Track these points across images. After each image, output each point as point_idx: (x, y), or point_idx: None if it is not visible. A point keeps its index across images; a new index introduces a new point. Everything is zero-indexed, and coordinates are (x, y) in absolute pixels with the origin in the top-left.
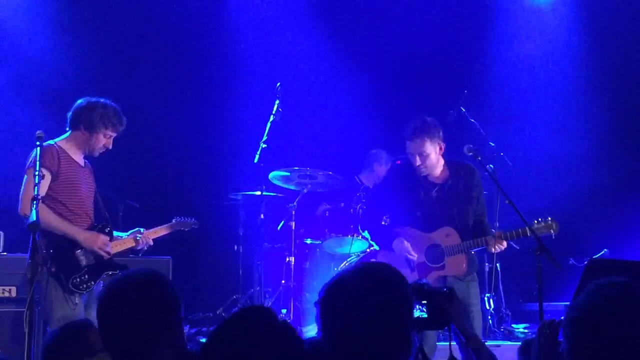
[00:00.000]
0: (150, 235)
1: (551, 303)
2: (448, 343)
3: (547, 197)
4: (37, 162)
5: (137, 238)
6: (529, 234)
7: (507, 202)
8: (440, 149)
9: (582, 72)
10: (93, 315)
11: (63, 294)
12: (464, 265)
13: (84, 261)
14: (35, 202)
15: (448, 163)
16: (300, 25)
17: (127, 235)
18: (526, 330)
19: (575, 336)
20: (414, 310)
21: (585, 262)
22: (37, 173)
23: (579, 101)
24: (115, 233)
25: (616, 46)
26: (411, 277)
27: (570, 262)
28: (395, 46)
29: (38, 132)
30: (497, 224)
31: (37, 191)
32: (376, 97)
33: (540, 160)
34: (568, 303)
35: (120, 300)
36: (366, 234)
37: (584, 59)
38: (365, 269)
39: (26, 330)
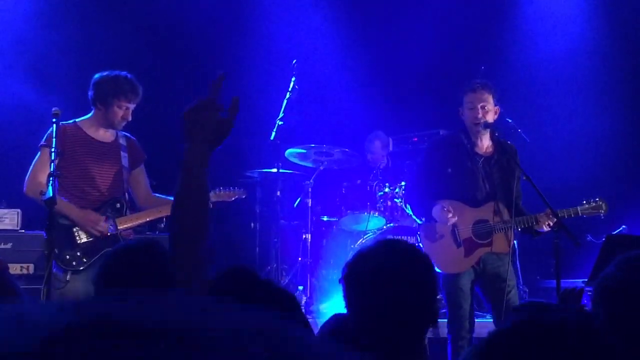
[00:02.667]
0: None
1: (569, 280)
2: (486, 319)
3: (564, 174)
4: (54, 139)
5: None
6: (580, 214)
7: (524, 178)
8: (496, 113)
9: (599, 50)
10: None
11: (54, 271)
12: (511, 242)
13: (80, 238)
14: (52, 178)
15: (494, 139)
16: (317, 2)
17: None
18: None
19: (610, 305)
20: None
21: (603, 239)
22: (52, 150)
23: (596, 78)
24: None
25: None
26: (457, 252)
27: (588, 238)
28: (412, 23)
29: (54, 109)
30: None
31: (53, 168)
32: (392, 75)
33: (558, 137)
34: (586, 279)
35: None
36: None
37: (604, 38)
38: (389, 244)
39: None
